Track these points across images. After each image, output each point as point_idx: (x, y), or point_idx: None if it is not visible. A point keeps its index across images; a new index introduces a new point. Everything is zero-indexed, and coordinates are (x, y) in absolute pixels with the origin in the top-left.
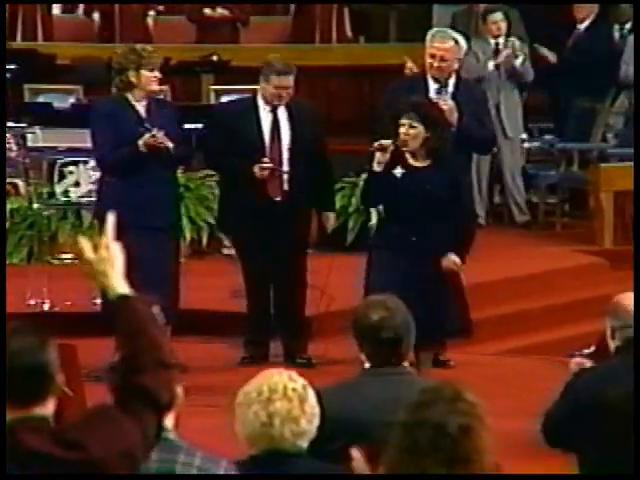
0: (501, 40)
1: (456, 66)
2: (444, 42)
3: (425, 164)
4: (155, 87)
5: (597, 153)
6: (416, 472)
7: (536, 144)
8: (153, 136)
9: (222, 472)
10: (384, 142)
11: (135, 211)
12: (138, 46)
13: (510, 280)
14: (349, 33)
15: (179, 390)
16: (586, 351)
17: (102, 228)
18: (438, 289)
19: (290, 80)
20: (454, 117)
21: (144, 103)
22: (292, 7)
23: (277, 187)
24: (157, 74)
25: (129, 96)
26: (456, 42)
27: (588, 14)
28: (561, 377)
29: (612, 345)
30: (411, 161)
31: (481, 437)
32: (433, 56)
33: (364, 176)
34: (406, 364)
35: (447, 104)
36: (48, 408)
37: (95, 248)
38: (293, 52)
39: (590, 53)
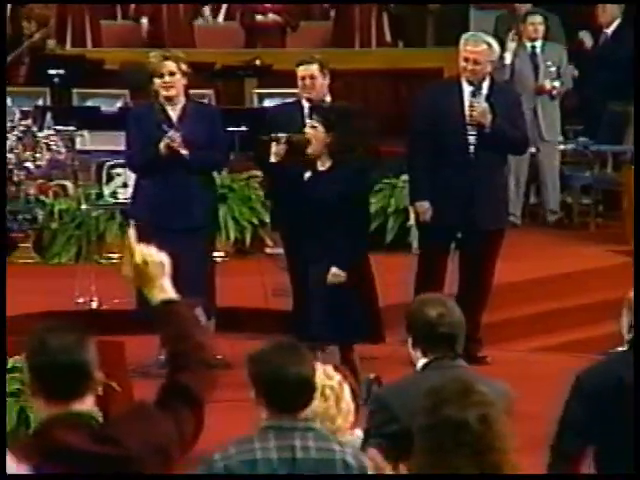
0: (538, 44)
1: (489, 69)
2: (477, 45)
3: (326, 167)
4: (165, 93)
5: (630, 155)
6: (443, 470)
7: (571, 146)
8: (169, 139)
9: (337, 449)
10: (279, 135)
11: (158, 212)
12: (151, 54)
13: (544, 279)
14: (388, 37)
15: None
16: (619, 349)
17: (123, 226)
18: (338, 294)
19: (311, 68)
20: (487, 119)
21: (178, 107)
22: (332, 12)
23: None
24: (167, 79)
25: (162, 100)
26: (489, 45)
27: (612, 19)
28: None
29: (626, 337)
30: (318, 165)
31: (499, 422)
32: (467, 59)
33: (403, 177)
34: (460, 360)
35: (480, 106)
36: (86, 404)
37: (142, 255)
38: (333, 56)
39: (617, 57)
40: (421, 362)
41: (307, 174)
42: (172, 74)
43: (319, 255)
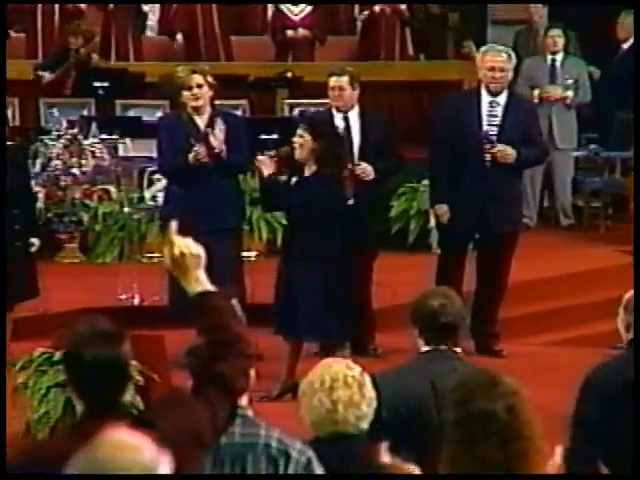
0: (558, 57)
1: (510, 77)
2: (500, 55)
3: (311, 173)
4: (194, 103)
5: (634, 163)
6: (473, 460)
7: (582, 153)
8: (196, 152)
9: (297, 450)
10: (278, 151)
11: (188, 214)
12: (179, 68)
13: (556, 278)
14: (411, 51)
15: (252, 373)
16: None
17: (163, 229)
18: (312, 294)
19: (343, 80)
20: (512, 157)
21: (205, 117)
22: (359, 27)
23: (350, 191)
24: (195, 91)
25: (190, 111)
26: (508, 55)
27: (630, 34)
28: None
29: (626, 338)
30: (305, 170)
31: (524, 410)
32: (492, 68)
33: (424, 181)
34: (459, 349)
35: (504, 150)
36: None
37: (179, 246)
38: (360, 68)
39: (631, 70)
40: (422, 350)
41: (294, 179)
42: (200, 86)
43: (305, 255)
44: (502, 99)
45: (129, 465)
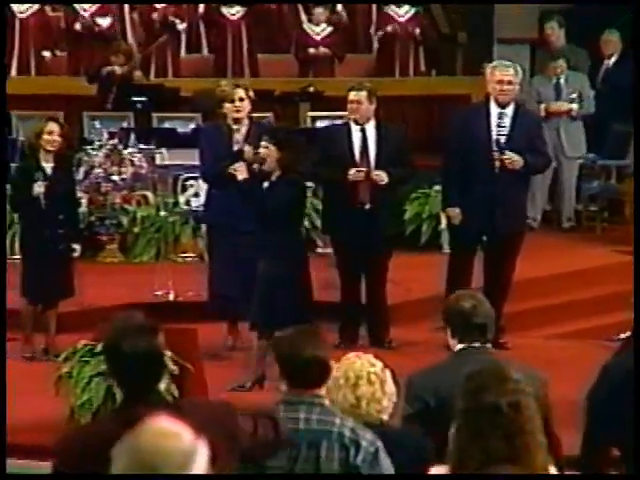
0: (562, 76)
1: (518, 90)
2: (508, 69)
3: (276, 177)
4: (235, 115)
5: (631, 169)
6: (480, 449)
7: (580, 161)
8: (234, 169)
9: (367, 440)
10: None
11: (229, 217)
12: (223, 82)
13: (557, 275)
14: (423, 67)
15: (332, 364)
16: (622, 336)
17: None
18: (284, 288)
19: (360, 95)
20: (519, 164)
21: (244, 128)
22: (375, 45)
23: (366, 195)
24: (237, 104)
25: (230, 122)
26: (515, 69)
27: (615, 50)
28: (601, 357)
29: None
30: (273, 176)
31: (529, 408)
32: (501, 82)
33: (435, 187)
34: (489, 345)
35: (512, 157)
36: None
37: None
38: (376, 84)
39: (620, 84)
40: (457, 348)
41: (265, 184)
42: (242, 100)
43: (267, 251)
44: (510, 111)
45: (170, 451)
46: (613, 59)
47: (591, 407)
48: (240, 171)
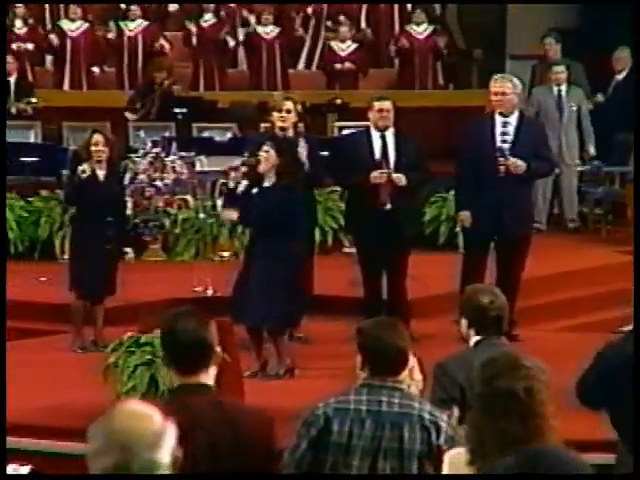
0: (563, 87)
1: (516, 100)
2: (504, 82)
3: (271, 183)
4: (280, 124)
5: (633, 175)
6: (497, 432)
7: (587, 167)
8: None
9: (445, 422)
10: (236, 164)
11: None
12: (276, 94)
13: (565, 274)
14: (441, 81)
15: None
16: (625, 329)
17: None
18: (282, 288)
19: (387, 104)
20: (522, 168)
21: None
22: (397, 61)
23: (387, 197)
24: (283, 114)
25: (277, 130)
26: (512, 82)
27: (625, 66)
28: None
29: None
30: (265, 182)
31: (541, 392)
32: (496, 93)
33: (452, 192)
34: (503, 337)
35: (514, 162)
36: (210, 376)
37: None
38: (397, 96)
39: (627, 96)
40: (474, 339)
41: (254, 190)
42: (288, 111)
43: (263, 254)
44: (513, 120)
45: (142, 431)
46: (623, 74)
47: (584, 390)
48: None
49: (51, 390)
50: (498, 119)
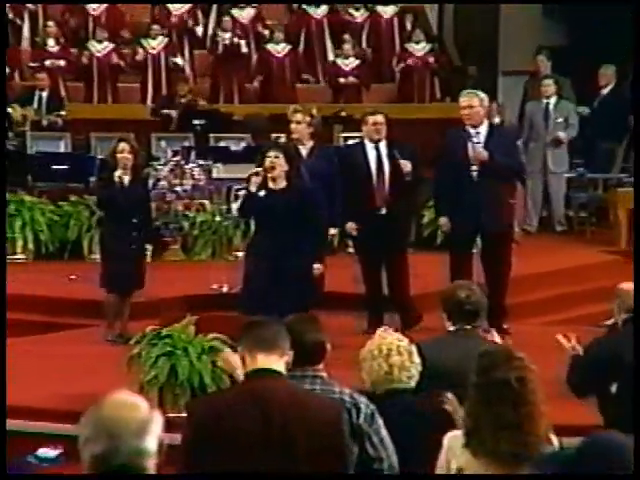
0: (552, 100)
1: (482, 113)
2: (471, 97)
3: (281, 187)
4: (292, 134)
5: (616, 181)
6: (491, 417)
7: (572, 174)
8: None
9: (364, 403)
10: (258, 169)
11: None
12: (292, 107)
13: (553, 272)
14: (438, 95)
15: (328, 346)
16: (607, 322)
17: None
18: (293, 286)
19: (380, 118)
20: (484, 156)
21: (307, 147)
22: (397, 76)
23: (382, 201)
24: (293, 126)
25: (294, 141)
26: (478, 96)
27: (609, 81)
28: (589, 340)
29: (619, 319)
30: (271, 185)
31: (532, 381)
32: (464, 107)
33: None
34: (480, 330)
35: (478, 149)
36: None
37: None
38: (397, 109)
39: (613, 109)
40: (450, 329)
41: (261, 193)
42: (298, 123)
43: (271, 252)
44: (483, 129)
45: (129, 420)
46: (609, 88)
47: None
48: (254, 183)
49: (79, 379)
50: (470, 130)
